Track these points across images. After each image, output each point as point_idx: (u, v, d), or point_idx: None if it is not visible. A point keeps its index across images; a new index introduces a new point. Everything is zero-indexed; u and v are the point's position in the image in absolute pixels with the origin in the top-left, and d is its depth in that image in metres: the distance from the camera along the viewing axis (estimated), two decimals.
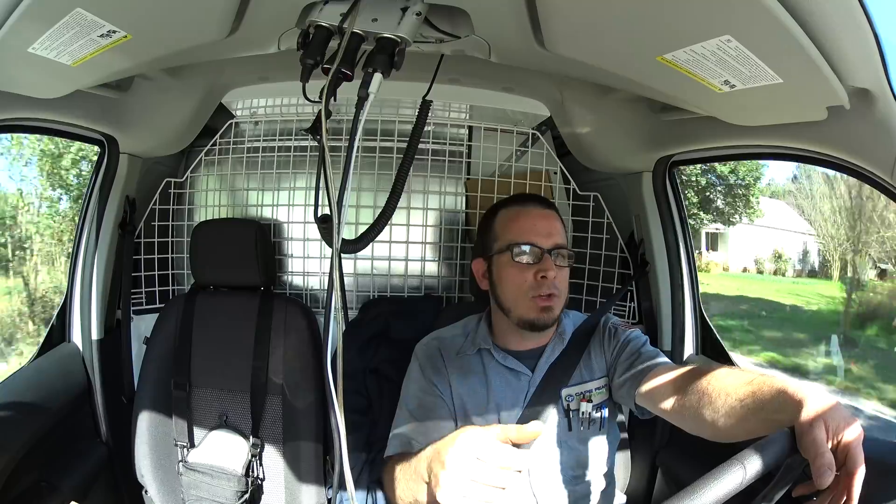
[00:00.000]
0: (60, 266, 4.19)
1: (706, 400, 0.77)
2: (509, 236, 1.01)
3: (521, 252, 0.99)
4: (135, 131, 1.23)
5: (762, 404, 0.69)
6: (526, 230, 1.00)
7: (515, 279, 0.99)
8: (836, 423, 0.59)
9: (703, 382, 0.80)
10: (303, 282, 1.50)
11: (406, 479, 0.79)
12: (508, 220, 1.03)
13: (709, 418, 0.77)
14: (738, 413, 0.72)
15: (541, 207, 1.04)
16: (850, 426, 0.60)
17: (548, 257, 0.98)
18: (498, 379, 1.03)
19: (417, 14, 0.68)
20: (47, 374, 1.22)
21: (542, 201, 1.07)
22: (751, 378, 0.74)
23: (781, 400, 0.66)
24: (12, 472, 1.02)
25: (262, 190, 1.48)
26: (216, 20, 0.72)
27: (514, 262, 0.99)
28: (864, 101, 0.71)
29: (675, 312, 1.33)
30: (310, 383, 1.32)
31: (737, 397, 0.73)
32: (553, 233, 1.01)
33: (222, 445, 1.29)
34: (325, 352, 0.60)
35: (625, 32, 0.68)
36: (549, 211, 1.04)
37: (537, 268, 0.98)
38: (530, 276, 0.98)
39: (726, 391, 0.75)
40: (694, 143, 1.13)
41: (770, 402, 0.68)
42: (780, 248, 9.43)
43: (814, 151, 0.87)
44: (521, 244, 0.99)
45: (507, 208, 1.06)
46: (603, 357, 1.04)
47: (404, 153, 0.74)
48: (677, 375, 0.87)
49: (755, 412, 0.70)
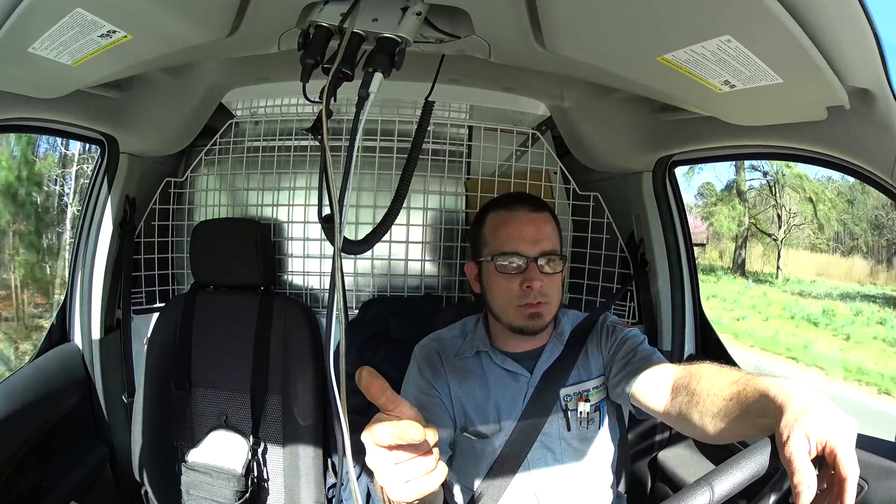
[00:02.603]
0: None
1: (694, 401, 0.76)
2: (495, 244, 0.99)
3: (505, 262, 0.97)
4: (135, 131, 1.22)
5: (746, 407, 0.66)
6: (512, 238, 0.98)
7: (502, 287, 0.98)
8: (820, 428, 0.54)
9: (692, 383, 0.78)
10: (303, 282, 1.50)
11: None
12: (495, 225, 1.01)
13: (697, 420, 0.75)
14: (724, 416, 0.70)
15: (529, 210, 1.00)
16: (838, 429, 0.54)
17: (533, 266, 0.96)
18: (496, 381, 1.02)
19: (418, 14, 0.68)
20: (47, 373, 1.22)
21: (531, 203, 1.02)
22: (736, 378, 0.71)
23: (763, 404, 0.62)
24: (12, 472, 1.02)
25: (262, 190, 1.49)
26: (216, 20, 0.72)
27: (498, 272, 0.98)
28: (864, 101, 0.71)
29: (675, 312, 1.33)
30: (310, 383, 1.32)
31: (722, 399, 0.70)
32: (541, 238, 0.98)
33: (222, 445, 1.29)
34: (326, 352, 0.59)
35: (625, 32, 0.68)
36: (538, 214, 1.00)
37: (522, 277, 0.96)
38: (516, 286, 0.97)
39: (713, 392, 0.73)
40: (694, 143, 1.13)
41: (753, 405, 0.65)
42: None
43: (814, 151, 0.87)
44: (505, 254, 0.97)
45: (494, 212, 1.03)
46: (600, 356, 1.04)
47: (408, 154, 0.73)
48: (667, 375, 0.85)
49: (740, 415, 0.67)
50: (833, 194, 7.05)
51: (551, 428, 0.99)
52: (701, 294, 1.36)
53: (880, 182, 0.79)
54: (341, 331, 0.57)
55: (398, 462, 0.52)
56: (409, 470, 0.52)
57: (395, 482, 0.53)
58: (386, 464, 0.53)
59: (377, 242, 0.70)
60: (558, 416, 1.00)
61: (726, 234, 8.15)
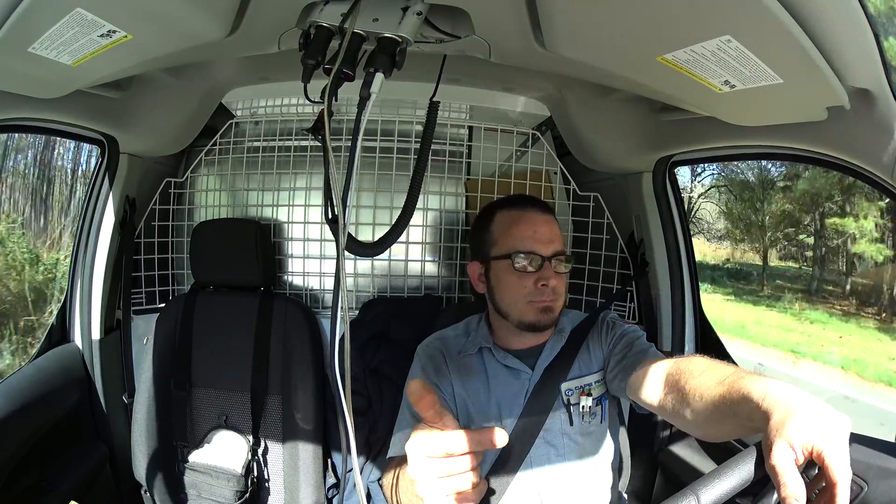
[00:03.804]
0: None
1: (685, 401, 0.75)
2: (510, 242, 1.00)
3: (522, 260, 0.98)
4: (135, 131, 1.22)
5: (733, 411, 0.65)
6: (528, 237, 0.99)
7: (515, 286, 0.99)
8: (805, 434, 0.52)
9: (681, 381, 0.78)
10: (303, 282, 1.50)
11: (405, 491, 0.79)
12: (508, 224, 1.02)
13: (689, 419, 0.75)
14: (713, 416, 0.70)
15: (540, 212, 1.03)
16: (824, 432, 0.53)
17: (548, 265, 0.98)
18: (498, 378, 1.03)
19: (418, 14, 0.68)
20: (47, 374, 1.21)
21: (541, 205, 1.05)
22: (722, 378, 0.70)
23: (750, 409, 0.61)
24: (12, 472, 1.02)
25: (262, 190, 1.48)
26: (216, 20, 0.72)
27: (514, 270, 0.98)
28: (864, 101, 0.72)
29: (675, 312, 1.33)
30: (310, 383, 1.32)
31: (710, 399, 0.70)
32: (553, 239, 1.00)
33: (222, 445, 1.29)
34: (332, 352, 0.60)
35: (625, 32, 0.68)
36: (548, 216, 1.03)
37: (538, 276, 0.98)
38: (530, 284, 0.98)
39: (700, 392, 0.72)
40: (694, 143, 1.13)
41: (740, 409, 0.64)
42: None
43: (814, 152, 0.87)
44: (522, 252, 0.98)
45: (505, 211, 1.04)
46: (601, 350, 1.04)
47: (417, 156, 0.74)
48: (660, 371, 0.85)
49: (729, 417, 0.67)
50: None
51: (554, 423, 1.00)
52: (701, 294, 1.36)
53: (880, 182, 0.79)
54: (346, 331, 0.57)
55: (443, 476, 0.52)
56: (454, 484, 0.53)
57: (436, 495, 0.53)
58: (431, 476, 0.53)
59: (392, 245, 0.70)
60: (560, 412, 1.00)
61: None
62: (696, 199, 6.29)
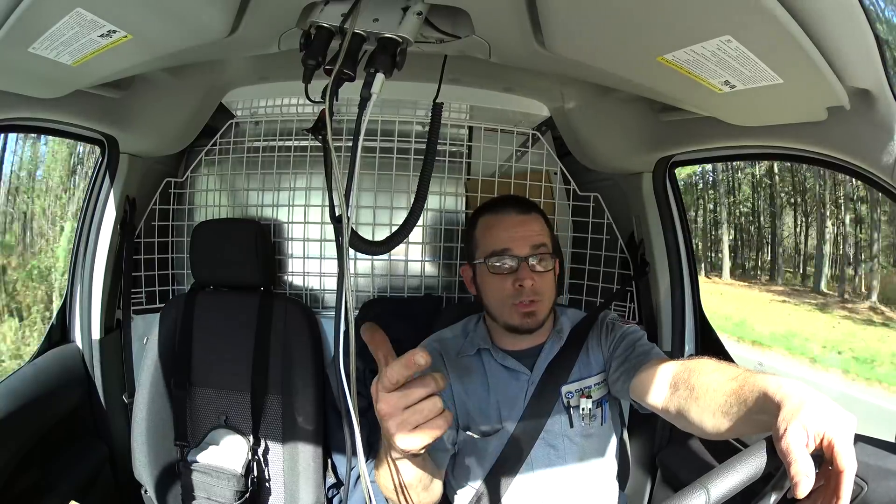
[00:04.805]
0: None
1: (693, 397, 0.76)
2: (486, 245, 1.01)
3: (497, 262, 0.99)
4: (135, 131, 1.22)
5: (745, 405, 0.67)
6: (502, 239, 0.99)
7: (496, 288, 0.99)
8: (818, 422, 0.55)
9: (691, 378, 0.78)
10: (303, 282, 1.50)
11: (382, 464, 0.79)
12: (485, 228, 1.03)
13: (696, 416, 0.75)
14: (723, 412, 0.70)
15: (517, 212, 1.02)
16: (836, 423, 0.55)
17: (525, 265, 0.98)
18: (498, 379, 1.03)
19: (418, 14, 0.68)
20: (47, 374, 1.21)
21: (519, 204, 1.04)
22: (735, 374, 0.72)
23: (762, 401, 0.63)
24: (12, 472, 1.02)
25: (262, 190, 1.48)
26: (216, 20, 0.72)
27: (491, 272, 0.99)
28: (864, 101, 0.72)
29: (675, 312, 1.33)
30: (310, 383, 1.32)
31: (721, 395, 0.71)
32: (530, 236, 0.99)
33: (222, 445, 1.29)
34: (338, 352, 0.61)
35: (625, 33, 0.68)
36: (526, 215, 1.02)
37: (514, 277, 0.98)
38: (509, 285, 0.98)
39: (712, 388, 0.73)
40: (694, 144, 1.13)
41: (752, 402, 0.66)
42: None
43: (814, 152, 0.87)
44: (496, 254, 0.99)
45: (484, 216, 1.05)
46: (601, 352, 1.04)
47: (424, 158, 0.75)
48: (666, 371, 0.85)
49: (739, 413, 0.68)
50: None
51: (554, 425, 1.00)
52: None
53: (880, 182, 0.79)
54: (350, 330, 0.58)
55: (408, 405, 0.57)
56: (419, 413, 0.57)
57: (404, 428, 0.57)
58: (396, 409, 0.58)
59: (399, 244, 0.71)
60: (561, 414, 1.00)
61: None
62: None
